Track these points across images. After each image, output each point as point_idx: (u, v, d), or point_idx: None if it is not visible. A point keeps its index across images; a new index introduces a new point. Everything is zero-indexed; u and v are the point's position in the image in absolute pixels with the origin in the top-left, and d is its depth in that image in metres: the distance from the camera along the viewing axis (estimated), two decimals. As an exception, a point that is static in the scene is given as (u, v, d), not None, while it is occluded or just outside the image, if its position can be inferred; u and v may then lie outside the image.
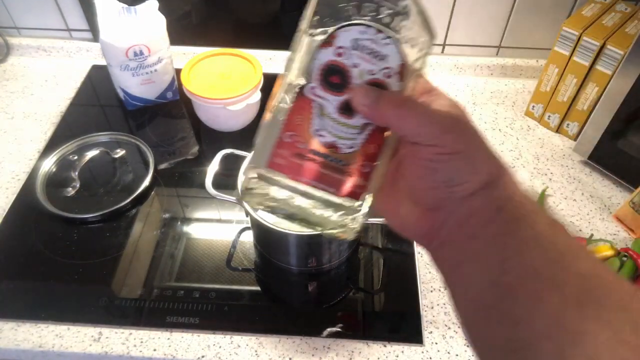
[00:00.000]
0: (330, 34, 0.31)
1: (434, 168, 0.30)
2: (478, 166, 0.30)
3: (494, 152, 0.31)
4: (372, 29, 0.31)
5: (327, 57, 0.32)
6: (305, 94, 0.32)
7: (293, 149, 0.33)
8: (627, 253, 0.69)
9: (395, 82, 0.32)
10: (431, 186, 0.31)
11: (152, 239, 0.73)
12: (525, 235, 0.28)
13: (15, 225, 0.74)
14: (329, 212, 0.34)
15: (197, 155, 0.87)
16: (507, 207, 0.30)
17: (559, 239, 0.29)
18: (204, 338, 0.63)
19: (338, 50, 0.31)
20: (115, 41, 0.82)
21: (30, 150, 0.86)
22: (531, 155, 0.87)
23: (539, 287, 0.27)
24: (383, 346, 0.63)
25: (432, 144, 0.30)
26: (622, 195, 0.81)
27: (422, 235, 0.33)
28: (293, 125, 0.33)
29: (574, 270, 0.27)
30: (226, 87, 0.82)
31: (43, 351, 0.62)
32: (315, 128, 0.33)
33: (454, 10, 0.94)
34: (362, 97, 0.31)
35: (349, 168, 0.33)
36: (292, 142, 0.33)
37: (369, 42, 0.31)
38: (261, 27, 1.02)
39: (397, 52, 0.31)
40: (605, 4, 0.83)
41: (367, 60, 0.31)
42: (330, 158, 0.33)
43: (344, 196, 0.33)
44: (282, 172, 0.33)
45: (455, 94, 0.98)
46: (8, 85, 0.98)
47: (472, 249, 0.30)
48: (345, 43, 0.31)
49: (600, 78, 0.80)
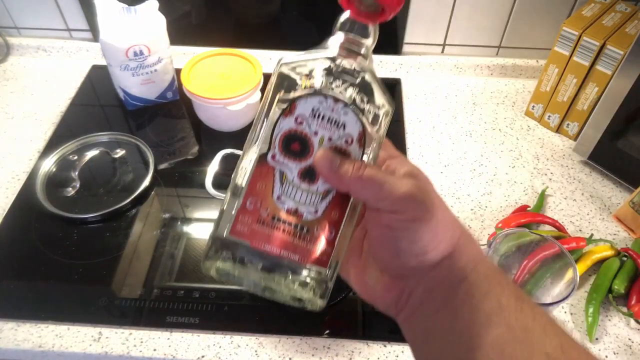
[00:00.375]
0: (291, 103, 0.32)
1: (395, 236, 0.30)
2: (440, 234, 0.30)
3: (456, 218, 0.31)
4: (330, 99, 0.32)
5: (288, 126, 0.32)
6: (267, 161, 0.33)
7: (255, 216, 0.33)
8: (627, 253, 0.69)
9: (356, 149, 0.33)
10: (394, 254, 0.31)
11: (152, 239, 0.73)
12: (490, 310, 0.28)
13: (15, 225, 0.74)
14: (293, 282, 0.33)
15: (197, 155, 0.87)
16: (470, 279, 0.29)
17: (526, 314, 0.28)
18: (204, 338, 0.63)
19: (298, 119, 0.32)
20: (115, 41, 0.82)
21: (30, 150, 0.86)
22: (531, 155, 0.87)
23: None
24: (383, 346, 0.63)
25: (393, 210, 0.30)
26: (622, 195, 0.81)
27: (390, 305, 0.33)
28: (255, 191, 0.33)
29: (538, 350, 0.27)
30: (226, 87, 0.82)
31: (43, 351, 0.62)
32: (277, 195, 0.33)
33: (454, 10, 0.94)
34: (323, 163, 0.32)
35: (313, 235, 0.33)
36: (255, 209, 0.33)
37: (328, 111, 0.32)
38: (261, 27, 1.02)
39: (356, 120, 0.32)
40: (605, 4, 0.84)
41: (327, 128, 0.32)
42: (294, 225, 0.33)
43: (309, 264, 0.33)
44: (244, 240, 0.32)
45: (455, 94, 0.98)
46: (8, 85, 0.98)
47: (439, 324, 0.30)
48: (305, 112, 0.32)
49: (600, 78, 0.80)
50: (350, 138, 0.32)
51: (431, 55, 1.02)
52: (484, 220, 0.76)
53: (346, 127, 0.32)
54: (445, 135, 0.90)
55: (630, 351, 0.63)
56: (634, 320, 0.65)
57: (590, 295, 0.66)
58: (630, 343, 0.64)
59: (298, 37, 1.00)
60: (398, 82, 1.00)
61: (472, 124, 0.92)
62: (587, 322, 0.64)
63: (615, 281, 0.66)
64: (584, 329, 0.64)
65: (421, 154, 0.86)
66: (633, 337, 0.64)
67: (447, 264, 0.30)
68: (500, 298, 0.29)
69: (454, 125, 0.92)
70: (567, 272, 0.59)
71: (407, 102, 0.96)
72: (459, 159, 0.86)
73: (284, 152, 0.32)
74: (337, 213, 0.33)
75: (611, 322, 0.66)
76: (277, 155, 0.33)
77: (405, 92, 0.99)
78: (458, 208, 0.78)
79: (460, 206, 0.78)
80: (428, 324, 0.31)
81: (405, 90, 0.99)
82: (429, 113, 0.94)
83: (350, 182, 0.31)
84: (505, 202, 0.79)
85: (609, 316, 0.66)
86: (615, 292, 0.66)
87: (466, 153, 0.87)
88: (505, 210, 0.78)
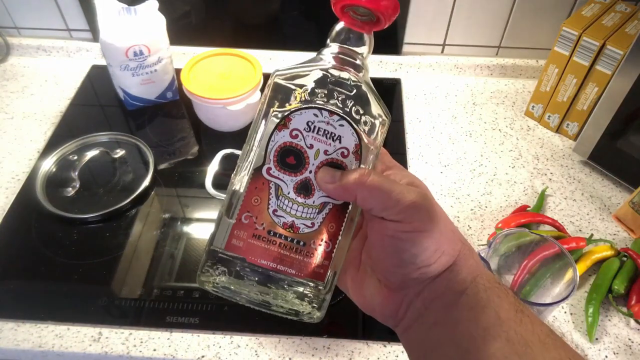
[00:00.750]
0: (285, 117, 0.32)
1: (399, 247, 0.30)
2: (443, 246, 0.30)
3: (457, 230, 0.31)
4: (325, 112, 0.31)
5: (283, 139, 0.32)
6: (262, 174, 0.32)
7: (251, 230, 0.32)
8: (627, 253, 0.69)
9: (353, 161, 0.32)
10: (396, 265, 0.30)
11: (152, 239, 0.73)
12: (489, 323, 0.28)
13: (15, 225, 0.74)
14: (290, 295, 0.33)
15: (197, 155, 0.87)
16: (469, 291, 0.29)
17: (525, 327, 0.28)
18: (204, 338, 0.63)
19: (293, 132, 0.32)
20: (115, 41, 0.82)
21: (30, 150, 0.86)
22: (531, 155, 0.87)
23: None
24: (383, 346, 0.63)
25: (398, 220, 0.29)
26: (622, 195, 0.81)
27: (388, 317, 0.33)
28: (250, 206, 0.32)
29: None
30: (226, 87, 0.82)
31: (43, 351, 0.62)
32: (273, 209, 0.32)
33: (453, 10, 0.94)
34: (326, 175, 0.31)
35: (310, 248, 0.33)
36: (250, 223, 0.32)
37: (323, 124, 0.32)
38: (261, 27, 1.02)
39: (352, 133, 0.32)
40: (605, 4, 0.84)
41: (322, 141, 0.32)
42: (290, 239, 0.32)
43: (306, 277, 0.33)
44: (239, 254, 0.32)
45: (455, 94, 0.98)
46: (8, 85, 0.98)
47: (437, 336, 0.30)
48: (300, 125, 0.32)
49: (600, 78, 0.80)
50: (346, 151, 0.32)
51: (431, 55, 1.02)
52: (484, 220, 0.76)
53: (342, 139, 0.32)
54: (445, 135, 0.90)
55: (630, 351, 0.63)
56: (633, 320, 0.65)
57: (590, 295, 0.66)
58: (630, 343, 0.64)
59: (298, 37, 1.00)
60: (398, 82, 1.00)
61: (472, 124, 0.92)
62: (587, 322, 0.64)
63: (615, 281, 0.66)
64: (584, 329, 0.64)
65: (421, 154, 0.86)
66: (633, 337, 0.64)
67: (447, 276, 0.30)
68: (499, 311, 0.28)
69: (454, 125, 0.92)
70: (567, 272, 0.59)
71: (407, 102, 0.96)
72: (459, 159, 0.86)
73: (280, 165, 0.32)
74: (334, 226, 0.33)
75: (611, 322, 0.66)
76: (273, 169, 0.32)
77: (405, 92, 0.99)
78: (458, 208, 0.78)
79: (460, 206, 0.78)
80: (426, 335, 0.30)
81: (405, 90, 0.99)
82: (429, 113, 0.94)
83: (358, 190, 0.30)
84: (505, 202, 0.79)
85: (609, 316, 0.66)
86: (615, 292, 0.66)
87: (466, 153, 0.87)
88: (505, 210, 0.78)
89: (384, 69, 1.02)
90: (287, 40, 1.02)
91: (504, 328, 0.28)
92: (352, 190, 0.30)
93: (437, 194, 0.79)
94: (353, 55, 0.33)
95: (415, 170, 0.83)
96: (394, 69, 1.02)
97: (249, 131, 0.34)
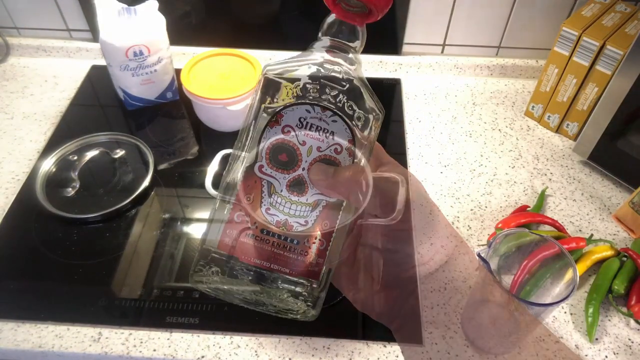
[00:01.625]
0: (277, 113, 0.31)
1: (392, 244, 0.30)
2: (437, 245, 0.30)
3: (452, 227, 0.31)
4: (317, 108, 0.31)
5: (275, 136, 0.31)
6: (254, 172, 0.31)
7: (244, 229, 0.31)
8: (627, 253, 0.69)
9: (346, 157, 0.31)
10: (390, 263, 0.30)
11: (152, 239, 0.73)
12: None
13: (15, 225, 0.74)
14: (285, 294, 0.32)
15: (197, 155, 0.87)
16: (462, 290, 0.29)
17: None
18: (203, 338, 0.63)
19: (285, 129, 0.31)
20: (115, 41, 0.82)
21: (30, 151, 0.86)
22: (531, 155, 0.87)
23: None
24: (383, 346, 0.63)
25: (392, 218, 0.29)
26: (622, 195, 0.81)
27: (383, 314, 0.33)
28: (243, 204, 0.32)
29: None
30: (226, 87, 0.82)
31: (43, 351, 0.62)
32: (266, 207, 0.31)
33: (453, 10, 0.94)
34: (318, 172, 0.31)
35: (304, 247, 0.32)
36: (243, 221, 0.32)
37: (315, 119, 0.31)
38: (261, 28, 1.02)
39: (345, 128, 0.31)
40: (605, 4, 0.83)
41: (315, 137, 0.31)
42: (283, 237, 0.32)
43: (300, 276, 0.32)
44: (232, 254, 0.31)
45: (455, 94, 0.98)
46: (8, 85, 0.98)
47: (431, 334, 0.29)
48: (292, 122, 0.31)
49: (600, 78, 0.80)
50: (339, 146, 0.31)
51: (431, 56, 1.02)
52: (483, 220, 0.76)
53: (335, 135, 0.31)
54: (445, 136, 0.90)
55: (630, 351, 0.63)
56: (633, 321, 0.65)
57: (590, 296, 0.66)
58: (630, 343, 0.64)
59: (298, 37, 1.00)
60: (398, 82, 1.00)
61: (472, 124, 0.92)
62: (587, 322, 0.64)
63: (615, 281, 0.66)
64: (584, 329, 0.64)
65: (421, 154, 0.86)
66: (633, 337, 0.64)
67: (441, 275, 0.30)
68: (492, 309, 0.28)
69: (454, 125, 0.92)
70: (567, 273, 0.58)
71: (407, 102, 0.96)
72: (459, 159, 0.86)
73: (272, 163, 0.31)
74: (328, 223, 0.32)
75: (611, 322, 0.66)
76: (265, 167, 0.31)
77: (405, 92, 0.99)
78: (458, 208, 0.78)
79: (460, 206, 0.78)
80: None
81: (405, 90, 0.99)
82: (429, 113, 0.94)
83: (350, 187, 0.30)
84: (505, 202, 0.79)
85: (609, 316, 0.66)
86: (615, 292, 0.66)
87: (466, 153, 0.87)
88: (505, 211, 0.78)
89: (384, 69, 1.02)
90: (287, 40, 1.02)
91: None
92: (345, 187, 0.30)
93: (437, 194, 0.79)
94: (345, 48, 0.33)
95: (415, 171, 0.83)
96: (394, 69, 1.02)
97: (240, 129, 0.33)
